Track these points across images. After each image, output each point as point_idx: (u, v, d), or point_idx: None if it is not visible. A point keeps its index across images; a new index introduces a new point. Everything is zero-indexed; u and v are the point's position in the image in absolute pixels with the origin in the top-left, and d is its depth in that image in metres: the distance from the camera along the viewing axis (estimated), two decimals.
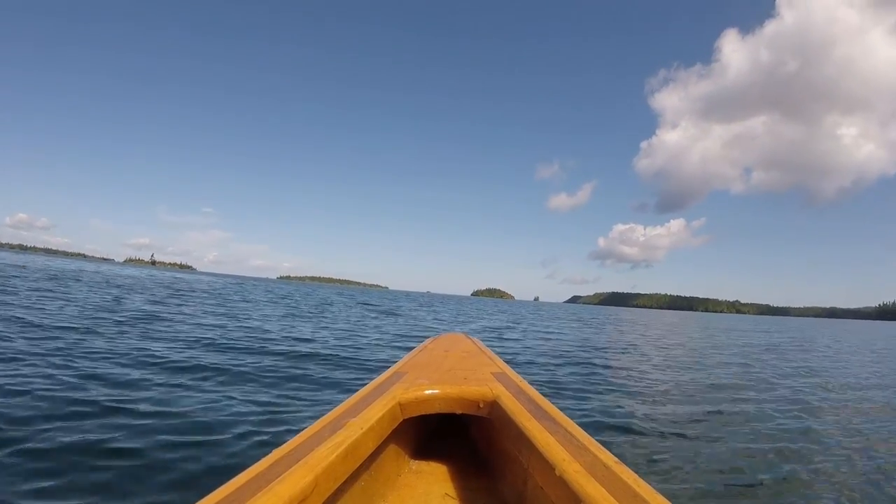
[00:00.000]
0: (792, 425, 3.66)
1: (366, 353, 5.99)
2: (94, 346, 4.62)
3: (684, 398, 4.56)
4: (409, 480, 1.18)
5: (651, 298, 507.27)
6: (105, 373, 3.56)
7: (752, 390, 5.24)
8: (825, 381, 6.42)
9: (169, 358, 4.35)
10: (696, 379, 5.92)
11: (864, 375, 7.42)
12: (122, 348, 4.62)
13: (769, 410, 4.17)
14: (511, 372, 1.44)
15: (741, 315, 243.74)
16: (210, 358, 4.57)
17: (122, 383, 3.31)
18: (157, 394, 3.15)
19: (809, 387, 5.76)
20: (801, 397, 4.97)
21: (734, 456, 2.77)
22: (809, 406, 4.53)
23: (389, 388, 1.19)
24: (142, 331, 6.10)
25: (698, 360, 8.27)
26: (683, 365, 7.32)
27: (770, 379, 6.23)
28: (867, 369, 8.34)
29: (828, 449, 3.07)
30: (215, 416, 2.75)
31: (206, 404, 2.98)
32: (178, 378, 3.66)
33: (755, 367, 7.59)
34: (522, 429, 0.99)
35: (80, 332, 5.37)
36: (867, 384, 6.42)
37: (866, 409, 4.72)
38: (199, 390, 3.35)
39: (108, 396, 2.94)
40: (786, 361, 8.66)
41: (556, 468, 0.81)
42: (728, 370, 6.98)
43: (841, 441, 3.29)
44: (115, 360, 4.05)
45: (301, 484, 0.71)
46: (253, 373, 4.09)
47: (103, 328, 5.94)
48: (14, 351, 4.03)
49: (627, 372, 6.05)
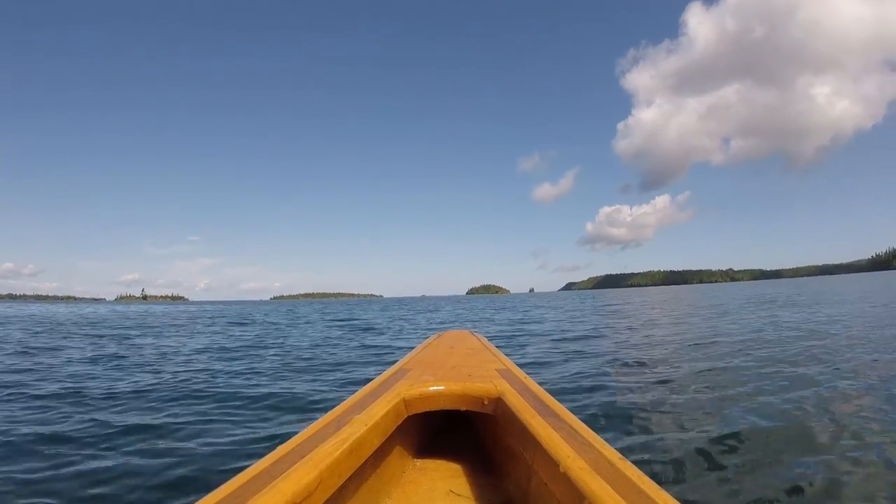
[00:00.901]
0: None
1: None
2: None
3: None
4: (413, 477, 1.19)
5: (645, 277, 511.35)
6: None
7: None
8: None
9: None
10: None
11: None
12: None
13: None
14: (516, 369, 1.44)
15: (736, 282, 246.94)
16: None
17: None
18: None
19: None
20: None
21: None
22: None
23: (394, 385, 1.20)
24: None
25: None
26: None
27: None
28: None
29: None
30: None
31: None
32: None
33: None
34: (527, 425, 0.98)
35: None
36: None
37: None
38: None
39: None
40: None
41: (561, 465, 0.80)
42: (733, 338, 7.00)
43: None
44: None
45: (305, 480, 0.71)
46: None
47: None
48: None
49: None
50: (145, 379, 4.65)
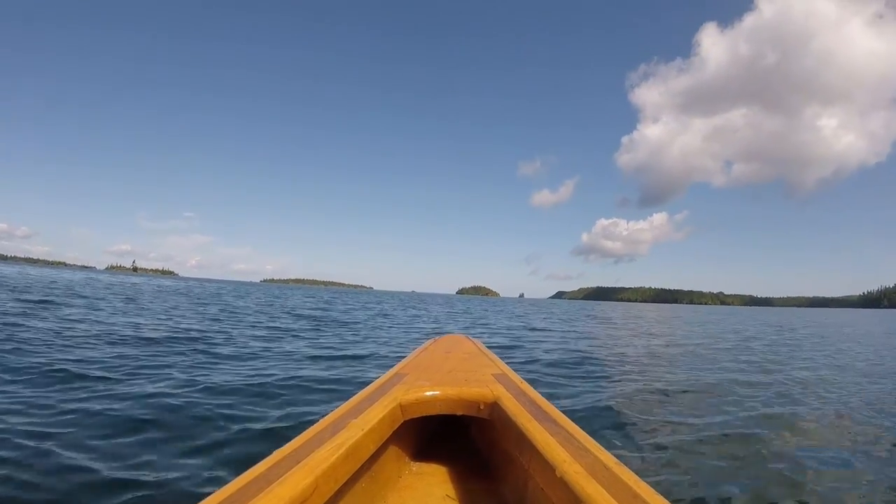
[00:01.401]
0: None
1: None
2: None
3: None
4: (409, 482, 1.18)
5: (636, 292, 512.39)
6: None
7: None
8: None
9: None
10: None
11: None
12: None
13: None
14: (512, 373, 1.42)
15: (726, 306, 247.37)
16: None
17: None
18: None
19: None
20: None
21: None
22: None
23: (390, 390, 1.19)
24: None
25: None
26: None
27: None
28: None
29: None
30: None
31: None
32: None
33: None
34: (523, 430, 0.98)
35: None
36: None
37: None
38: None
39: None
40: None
41: (557, 469, 0.80)
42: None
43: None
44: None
45: (301, 485, 0.71)
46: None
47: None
48: None
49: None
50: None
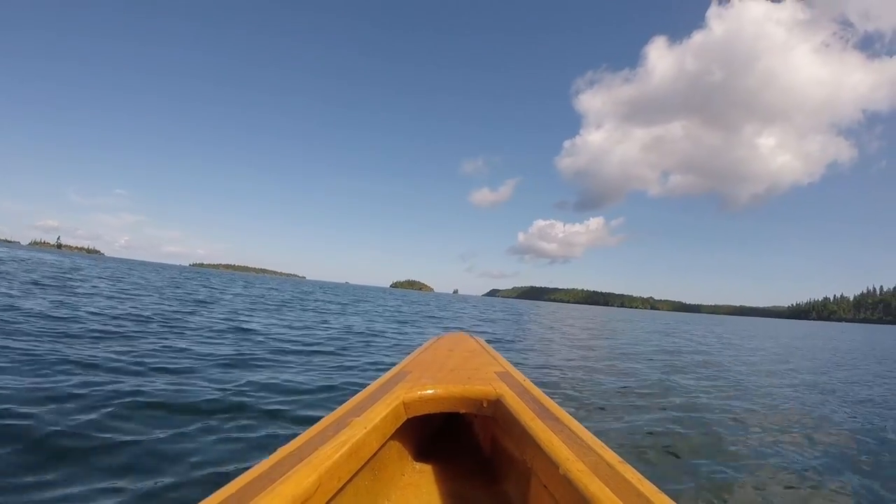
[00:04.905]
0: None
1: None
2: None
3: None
4: (412, 480, 1.18)
5: (568, 293, 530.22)
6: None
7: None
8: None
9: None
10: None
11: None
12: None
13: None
14: (515, 371, 1.43)
15: (655, 311, 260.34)
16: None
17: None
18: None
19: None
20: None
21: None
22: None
23: (393, 388, 1.19)
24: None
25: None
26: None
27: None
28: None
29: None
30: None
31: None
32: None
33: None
34: (526, 428, 0.98)
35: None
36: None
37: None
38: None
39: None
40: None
41: (560, 467, 0.79)
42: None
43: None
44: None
45: (305, 483, 0.71)
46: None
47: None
48: None
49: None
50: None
